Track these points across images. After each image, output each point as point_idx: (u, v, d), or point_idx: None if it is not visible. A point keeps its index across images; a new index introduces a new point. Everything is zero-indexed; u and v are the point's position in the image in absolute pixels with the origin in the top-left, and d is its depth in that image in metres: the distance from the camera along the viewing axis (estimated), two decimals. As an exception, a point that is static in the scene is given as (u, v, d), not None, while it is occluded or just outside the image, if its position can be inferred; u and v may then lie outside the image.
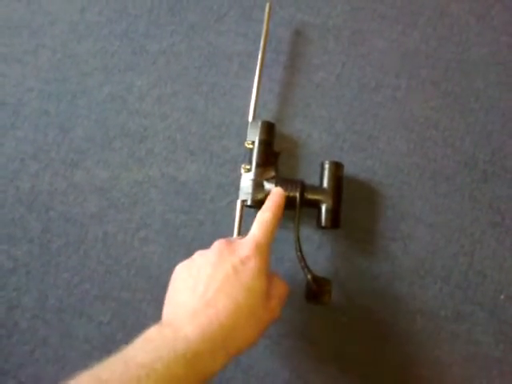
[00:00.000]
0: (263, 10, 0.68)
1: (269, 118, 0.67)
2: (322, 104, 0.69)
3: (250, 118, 0.64)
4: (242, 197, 0.61)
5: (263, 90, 0.67)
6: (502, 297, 0.61)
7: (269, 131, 0.63)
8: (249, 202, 0.60)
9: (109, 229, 0.64)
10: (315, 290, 0.55)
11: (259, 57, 0.66)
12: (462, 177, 0.65)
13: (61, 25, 0.74)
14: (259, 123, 0.63)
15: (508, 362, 0.59)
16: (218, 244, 0.50)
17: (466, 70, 0.69)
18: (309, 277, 0.55)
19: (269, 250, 0.50)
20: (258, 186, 0.60)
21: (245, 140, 0.63)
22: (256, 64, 0.66)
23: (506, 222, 0.63)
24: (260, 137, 0.62)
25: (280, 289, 0.50)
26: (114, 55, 0.72)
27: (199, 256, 0.50)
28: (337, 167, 0.61)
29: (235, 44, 0.72)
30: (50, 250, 0.64)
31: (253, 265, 0.46)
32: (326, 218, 0.59)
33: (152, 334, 0.42)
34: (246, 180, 0.61)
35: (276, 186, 0.59)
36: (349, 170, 0.64)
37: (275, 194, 0.57)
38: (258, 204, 0.59)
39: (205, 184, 0.66)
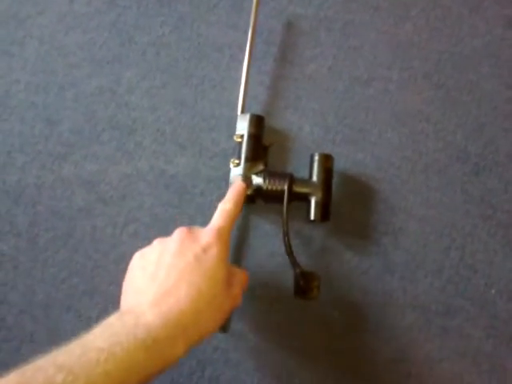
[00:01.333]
0: (253, 0, 0.67)
1: (259, 110, 0.67)
2: (313, 97, 0.68)
3: (239, 112, 0.64)
4: (230, 191, 0.60)
5: (253, 83, 0.66)
6: (493, 291, 0.61)
7: (258, 125, 0.63)
8: (238, 197, 0.59)
9: (97, 223, 0.64)
10: (303, 285, 0.54)
11: (247, 49, 0.65)
12: (454, 170, 0.65)
13: (49, 15, 0.73)
14: (248, 116, 0.62)
15: (498, 357, 0.59)
16: (179, 232, 0.49)
17: (458, 63, 0.69)
18: (297, 271, 0.55)
19: (229, 238, 0.50)
20: (246, 180, 0.59)
21: (235, 133, 0.63)
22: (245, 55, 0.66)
23: (498, 216, 0.63)
24: (249, 130, 0.62)
25: (240, 276, 0.51)
26: (103, 47, 0.71)
27: (159, 244, 0.49)
28: (326, 159, 0.60)
29: (226, 35, 0.71)
30: (37, 244, 0.63)
31: (214, 253, 0.46)
32: (315, 212, 0.58)
33: (112, 320, 0.42)
34: (235, 175, 0.60)
35: (264, 179, 0.59)
36: (340, 163, 0.64)
37: (236, 185, 0.57)
38: (246, 199, 0.59)
39: (194, 177, 0.65)
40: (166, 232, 0.62)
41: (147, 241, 0.62)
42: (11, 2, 0.73)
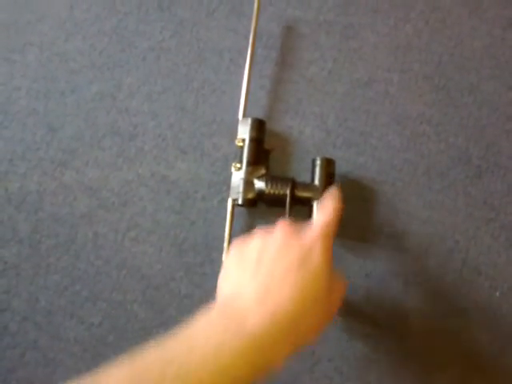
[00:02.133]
0: (253, 4, 0.67)
1: (260, 114, 0.66)
2: (313, 100, 0.68)
3: (240, 116, 0.64)
4: (232, 196, 0.60)
5: (254, 87, 0.66)
6: (498, 293, 0.60)
7: (259, 129, 0.62)
8: (239, 202, 0.59)
9: (99, 229, 0.64)
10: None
11: (248, 53, 0.65)
12: (456, 172, 0.64)
13: (49, 22, 0.73)
14: (249, 121, 0.62)
15: (504, 359, 0.59)
16: (282, 227, 0.47)
17: (458, 64, 0.69)
18: None
19: (332, 239, 0.48)
20: (248, 184, 0.59)
21: (236, 137, 0.63)
22: (246, 60, 0.66)
23: (501, 218, 0.63)
24: (250, 135, 0.62)
25: (340, 283, 0.48)
26: (103, 52, 0.71)
27: (261, 239, 0.47)
28: (328, 163, 0.60)
29: (225, 40, 0.71)
30: (39, 251, 0.63)
31: (318, 253, 0.44)
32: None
33: (215, 318, 0.41)
34: (237, 179, 0.60)
35: (266, 183, 0.59)
36: (341, 166, 0.64)
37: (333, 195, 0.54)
38: (248, 203, 0.59)
39: (196, 183, 0.65)
40: (168, 238, 0.63)
41: (149, 246, 0.63)
42: (11, 10, 0.73)
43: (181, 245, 0.63)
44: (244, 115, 0.64)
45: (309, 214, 0.59)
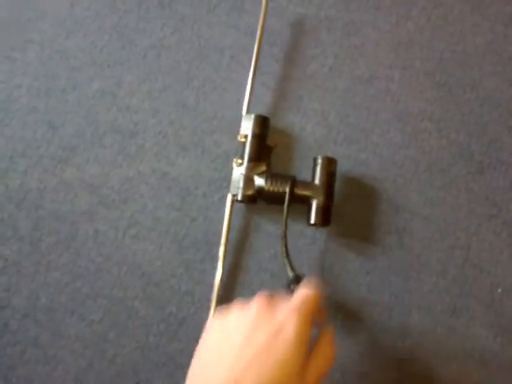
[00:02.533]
0: (255, 1, 0.67)
1: (261, 111, 0.66)
2: (314, 96, 0.68)
3: (244, 112, 0.63)
4: (232, 191, 0.60)
5: (255, 83, 0.66)
6: (499, 290, 0.60)
7: (263, 125, 0.62)
8: (239, 197, 0.59)
9: (99, 226, 0.63)
10: (293, 290, 0.54)
11: (255, 49, 0.65)
12: (458, 169, 0.64)
13: (49, 20, 0.73)
14: (253, 117, 0.62)
15: (506, 356, 0.59)
16: (257, 304, 0.45)
17: (460, 61, 0.68)
18: (290, 275, 0.54)
19: (311, 318, 0.44)
20: (248, 180, 0.59)
21: (237, 134, 0.63)
22: (248, 56, 0.66)
23: (503, 214, 0.62)
24: (253, 131, 0.61)
25: (321, 360, 0.45)
26: (104, 50, 0.71)
27: (236, 315, 0.46)
28: (329, 163, 0.60)
29: (227, 37, 0.71)
30: (40, 248, 0.63)
31: (291, 331, 0.42)
32: (315, 215, 0.58)
33: None
34: (237, 174, 0.60)
35: (266, 180, 0.58)
36: (342, 163, 0.63)
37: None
38: (248, 199, 0.58)
39: (197, 179, 0.65)
40: (169, 234, 0.63)
41: (149, 243, 0.63)
42: (12, 7, 0.73)
43: (181, 242, 0.63)
44: (248, 111, 0.63)
45: (307, 213, 0.58)
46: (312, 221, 0.58)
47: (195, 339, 0.58)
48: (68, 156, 0.66)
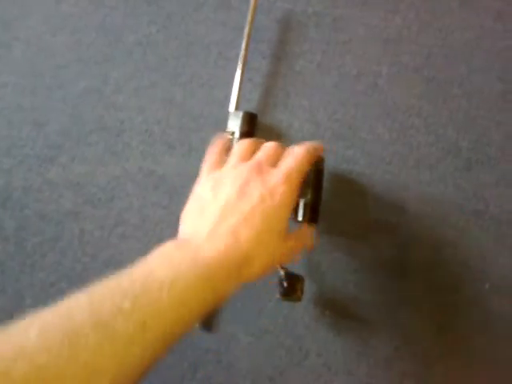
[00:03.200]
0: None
1: (248, 107, 0.66)
2: (302, 93, 0.67)
3: (232, 108, 0.63)
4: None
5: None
6: (487, 286, 0.60)
7: (250, 122, 0.62)
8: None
9: (85, 225, 0.63)
10: (287, 287, 0.54)
11: (243, 45, 0.65)
12: (446, 165, 0.64)
13: (35, 17, 0.72)
14: (241, 114, 0.61)
15: (493, 352, 0.58)
16: (250, 164, 0.48)
17: (448, 56, 0.68)
18: (281, 273, 0.54)
19: (299, 184, 0.48)
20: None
21: (224, 131, 0.62)
22: (235, 53, 0.65)
23: (490, 210, 0.62)
24: (241, 128, 0.61)
25: (303, 232, 0.51)
26: (90, 47, 0.71)
27: (228, 171, 0.48)
28: (317, 160, 0.59)
29: (214, 33, 0.70)
30: (25, 248, 0.62)
31: (278, 199, 0.45)
32: (303, 213, 0.57)
33: (169, 250, 0.42)
34: None
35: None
36: (330, 159, 0.63)
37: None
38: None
39: (184, 177, 0.64)
40: (155, 233, 0.62)
41: (136, 242, 0.62)
42: (-3, 4, 0.72)
43: (168, 240, 0.62)
44: (237, 108, 0.63)
45: (295, 210, 0.58)
46: (299, 218, 0.57)
47: (182, 340, 0.58)
48: (53, 154, 0.66)
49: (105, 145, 0.66)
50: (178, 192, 0.64)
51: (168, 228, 0.62)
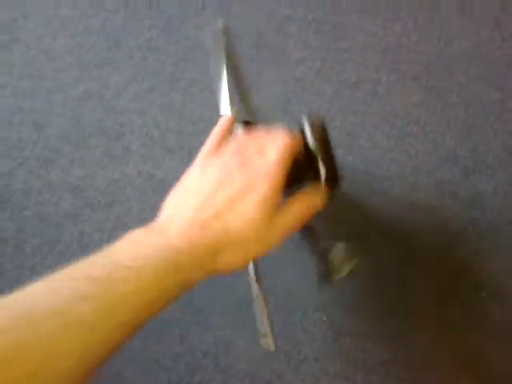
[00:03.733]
0: (242, 3, 0.67)
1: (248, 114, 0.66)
2: (302, 100, 0.68)
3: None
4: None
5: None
6: (483, 294, 0.60)
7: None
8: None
9: (85, 228, 0.63)
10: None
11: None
12: (443, 172, 0.64)
13: (35, 20, 0.72)
14: (239, 125, 0.61)
15: (490, 359, 0.59)
16: (241, 142, 0.47)
17: (447, 65, 0.68)
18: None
19: (284, 168, 0.44)
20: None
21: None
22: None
23: (487, 218, 0.62)
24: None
25: (304, 196, 0.46)
26: (90, 51, 0.71)
27: (217, 159, 0.47)
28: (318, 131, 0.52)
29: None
30: (24, 250, 0.62)
31: (264, 180, 0.43)
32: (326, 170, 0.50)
33: (138, 238, 0.41)
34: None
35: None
36: (329, 166, 0.63)
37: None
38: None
39: (183, 182, 0.65)
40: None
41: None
42: (-3, 7, 0.73)
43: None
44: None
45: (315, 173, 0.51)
46: (323, 176, 0.50)
47: (180, 343, 0.58)
48: (53, 157, 0.66)
49: (104, 148, 0.66)
50: (177, 196, 0.64)
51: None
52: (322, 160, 0.50)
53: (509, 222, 0.62)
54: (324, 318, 0.60)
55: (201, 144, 0.65)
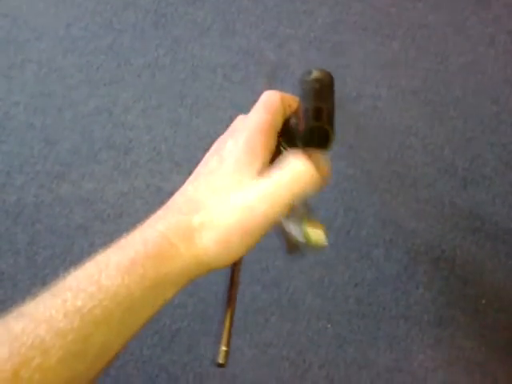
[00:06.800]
0: (246, 22, 0.69)
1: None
2: (304, 114, 0.70)
3: None
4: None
5: (246, 103, 0.68)
6: (484, 301, 0.62)
7: None
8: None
9: (95, 240, 0.65)
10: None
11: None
12: (442, 184, 0.66)
13: (46, 40, 0.75)
14: None
15: (490, 366, 0.60)
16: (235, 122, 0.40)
17: (444, 79, 0.71)
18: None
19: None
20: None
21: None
22: (240, 75, 0.68)
23: (486, 228, 0.64)
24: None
25: (287, 175, 0.34)
26: (100, 69, 0.73)
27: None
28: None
29: (219, 56, 0.73)
30: (36, 262, 0.64)
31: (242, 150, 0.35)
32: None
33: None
34: None
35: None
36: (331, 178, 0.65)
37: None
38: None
39: (190, 194, 0.66)
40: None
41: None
42: (10, 28, 0.75)
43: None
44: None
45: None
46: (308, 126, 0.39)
47: (188, 351, 0.60)
48: (64, 172, 0.68)
49: (114, 163, 0.68)
50: (184, 208, 0.66)
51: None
52: (307, 111, 0.39)
53: (507, 231, 0.63)
54: (328, 326, 0.61)
55: (207, 158, 0.67)
